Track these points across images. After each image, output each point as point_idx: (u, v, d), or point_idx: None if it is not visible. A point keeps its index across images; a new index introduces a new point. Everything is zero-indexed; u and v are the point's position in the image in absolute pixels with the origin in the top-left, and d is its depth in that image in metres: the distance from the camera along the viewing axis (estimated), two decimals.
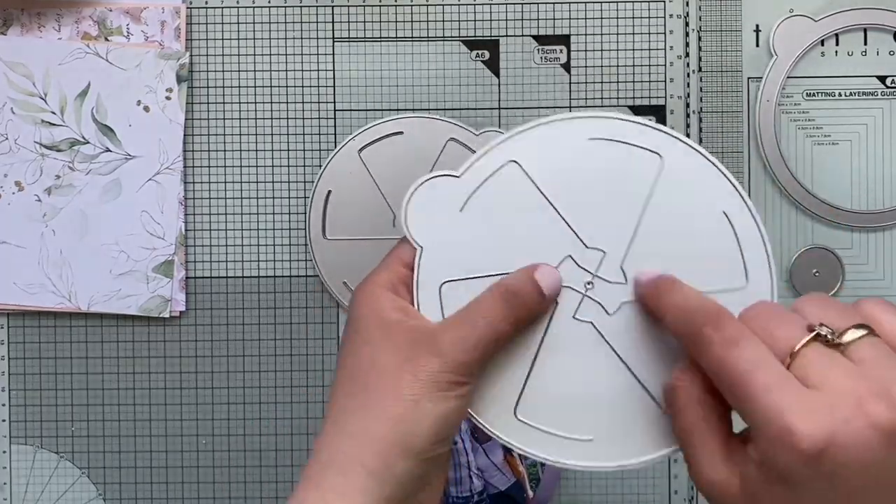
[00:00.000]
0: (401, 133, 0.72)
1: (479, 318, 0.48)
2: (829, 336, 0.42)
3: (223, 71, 0.73)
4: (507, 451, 0.71)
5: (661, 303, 0.47)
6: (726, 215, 0.49)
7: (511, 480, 0.72)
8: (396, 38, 0.73)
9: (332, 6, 0.73)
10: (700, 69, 0.73)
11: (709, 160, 0.49)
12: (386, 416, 0.47)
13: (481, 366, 0.49)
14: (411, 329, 0.49)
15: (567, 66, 0.73)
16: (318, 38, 0.73)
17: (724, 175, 0.49)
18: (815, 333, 0.42)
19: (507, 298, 0.49)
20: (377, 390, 0.47)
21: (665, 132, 0.50)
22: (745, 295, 0.48)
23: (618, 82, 0.73)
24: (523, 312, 0.49)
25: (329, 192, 0.72)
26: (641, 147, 0.50)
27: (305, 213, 0.72)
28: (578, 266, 0.50)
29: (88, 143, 0.72)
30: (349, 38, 0.73)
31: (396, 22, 0.73)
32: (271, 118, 0.73)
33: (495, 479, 0.71)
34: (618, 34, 0.73)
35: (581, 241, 0.50)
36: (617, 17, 0.73)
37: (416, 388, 0.47)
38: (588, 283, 0.50)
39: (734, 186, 0.49)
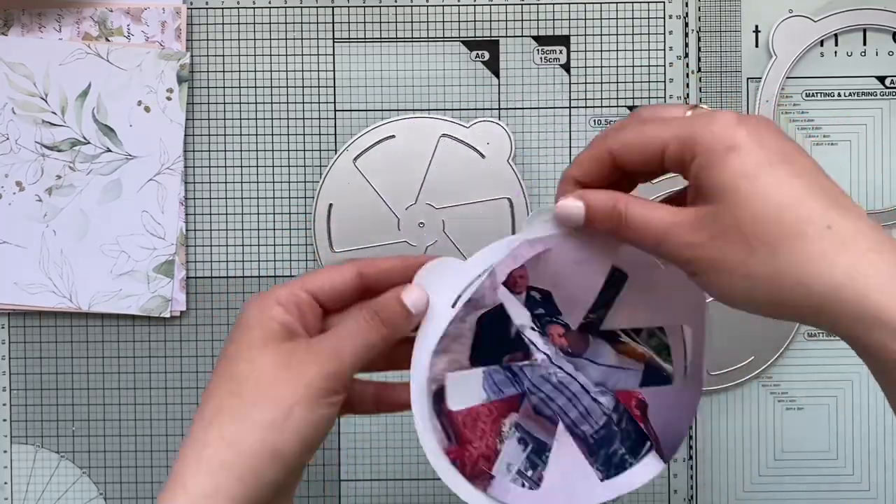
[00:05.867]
0: (393, 137, 0.72)
1: (352, 332, 0.52)
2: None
3: (223, 71, 0.73)
4: (613, 339, 0.57)
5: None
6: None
7: (640, 368, 0.57)
8: (396, 38, 0.73)
9: (332, 6, 0.73)
10: (699, 69, 0.73)
11: None
12: (260, 422, 0.49)
13: (351, 377, 0.52)
14: (292, 339, 0.52)
15: (567, 67, 0.73)
16: (318, 39, 0.73)
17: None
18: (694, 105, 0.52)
19: (373, 316, 0.52)
20: (254, 395, 0.50)
21: None
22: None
23: (617, 82, 0.73)
24: (389, 330, 0.53)
25: (330, 205, 0.72)
26: None
27: (312, 230, 0.72)
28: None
29: (89, 143, 0.72)
30: (349, 38, 0.73)
31: (396, 22, 0.73)
32: (271, 118, 0.73)
33: (622, 380, 0.57)
34: (618, 34, 0.73)
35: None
36: (617, 18, 0.73)
37: (290, 394, 0.49)
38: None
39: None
